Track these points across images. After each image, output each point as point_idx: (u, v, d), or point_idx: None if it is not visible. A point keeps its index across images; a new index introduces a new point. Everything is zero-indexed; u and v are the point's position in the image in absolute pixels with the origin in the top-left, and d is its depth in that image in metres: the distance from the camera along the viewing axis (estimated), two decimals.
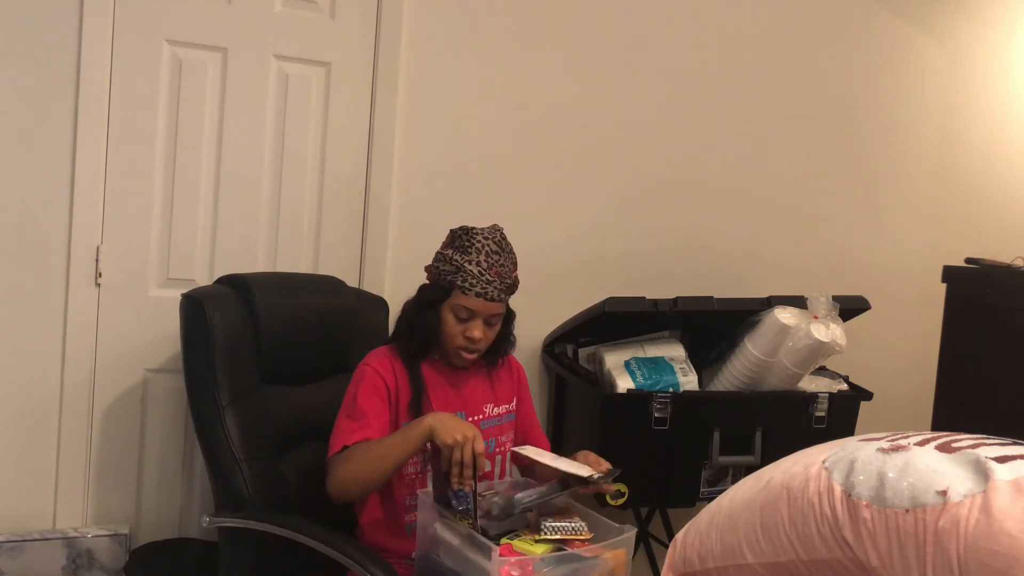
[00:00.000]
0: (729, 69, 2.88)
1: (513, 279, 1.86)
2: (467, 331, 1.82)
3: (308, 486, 1.91)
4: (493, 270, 1.80)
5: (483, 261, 1.79)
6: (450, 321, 1.82)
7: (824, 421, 2.41)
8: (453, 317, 1.82)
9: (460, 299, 1.80)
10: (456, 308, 1.81)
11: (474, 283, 1.78)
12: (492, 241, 1.82)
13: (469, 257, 1.79)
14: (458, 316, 1.81)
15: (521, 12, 2.61)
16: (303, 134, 2.42)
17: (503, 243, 1.85)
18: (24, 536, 2.16)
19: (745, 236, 2.94)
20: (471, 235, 1.82)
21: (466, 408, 1.91)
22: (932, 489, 1.03)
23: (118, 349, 2.27)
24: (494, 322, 1.86)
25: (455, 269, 1.80)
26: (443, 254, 1.85)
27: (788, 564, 1.17)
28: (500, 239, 1.84)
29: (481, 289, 1.79)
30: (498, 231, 1.86)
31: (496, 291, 1.81)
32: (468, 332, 1.82)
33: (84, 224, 2.21)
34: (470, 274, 1.78)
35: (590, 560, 1.60)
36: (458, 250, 1.82)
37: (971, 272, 2.60)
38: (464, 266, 1.79)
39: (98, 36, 2.18)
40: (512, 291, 1.87)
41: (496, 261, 1.81)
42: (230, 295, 1.98)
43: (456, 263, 1.80)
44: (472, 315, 1.81)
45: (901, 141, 3.16)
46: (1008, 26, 3.27)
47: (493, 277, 1.80)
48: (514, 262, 1.87)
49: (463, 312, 1.81)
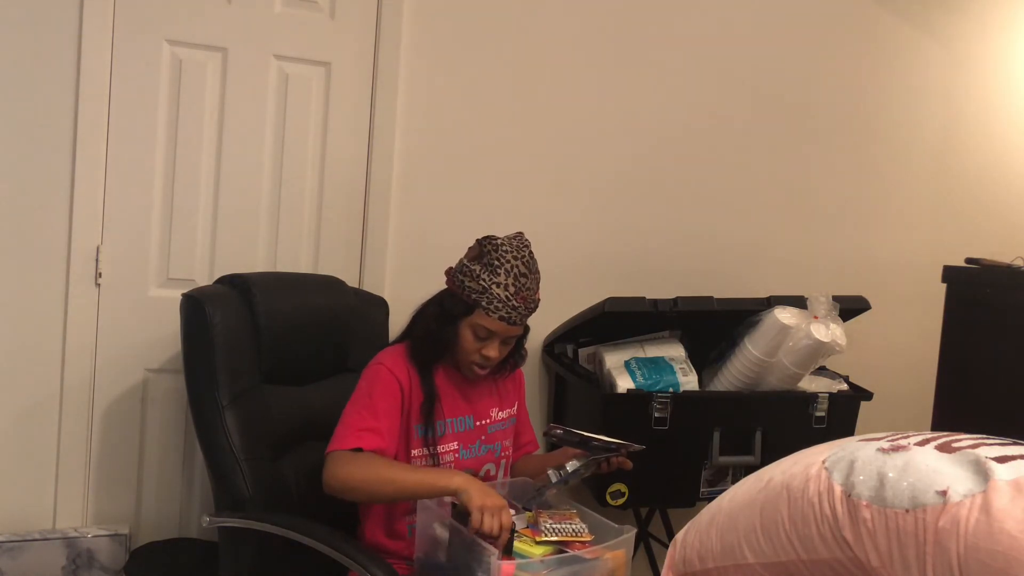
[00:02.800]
0: (729, 69, 2.88)
1: (536, 301, 1.84)
2: (484, 349, 1.81)
3: (308, 486, 1.91)
4: (520, 295, 1.78)
5: (511, 285, 1.77)
6: (468, 337, 1.81)
7: (824, 421, 2.41)
8: (472, 334, 1.81)
9: (482, 319, 1.78)
10: (476, 327, 1.80)
11: (499, 307, 1.77)
12: (521, 262, 1.79)
13: (497, 279, 1.77)
14: (477, 335, 1.80)
15: (521, 12, 2.61)
16: (303, 134, 2.42)
17: (531, 263, 1.82)
18: (24, 536, 2.16)
19: (745, 236, 2.94)
20: (500, 251, 1.78)
21: (474, 412, 1.91)
22: (932, 489, 1.03)
23: (118, 349, 2.27)
24: (510, 341, 1.87)
25: (481, 289, 1.77)
26: (470, 269, 1.81)
27: (788, 564, 1.17)
28: (528, 259, 1.81)
29: (506, 313, 1.77)
30: (526, 247, 1.82)
31: (520, 316, 1.80)
32: (485, 350, 1.81)
33: (84, 224, 2.21)
34: (496, 297, 1.76)
35: (591, 562, 1.60)
36: (486, 268, 1.78)
37: (971, 272, 2.59)
38: (491, 288, 1.76)
39: (98, 36, 2.18)
40: (534, 312, 1.85)
41: (523, 285, 1.79)
42: (230, 295, 1.98)
43: (483, 283, 1.77)
44: (491, 335, 1.80)
45: (901, 141, 3.16)
46: (1008, 26, 3.27)
47: (519, 303, 1.78)
48: (538, 281, 1.85)
49: (483, 331, 1.80)
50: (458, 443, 1.86)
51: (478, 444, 1.90)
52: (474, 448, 1.89)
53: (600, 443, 1.75)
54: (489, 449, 1.92)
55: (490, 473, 1.93)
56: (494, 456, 1.93)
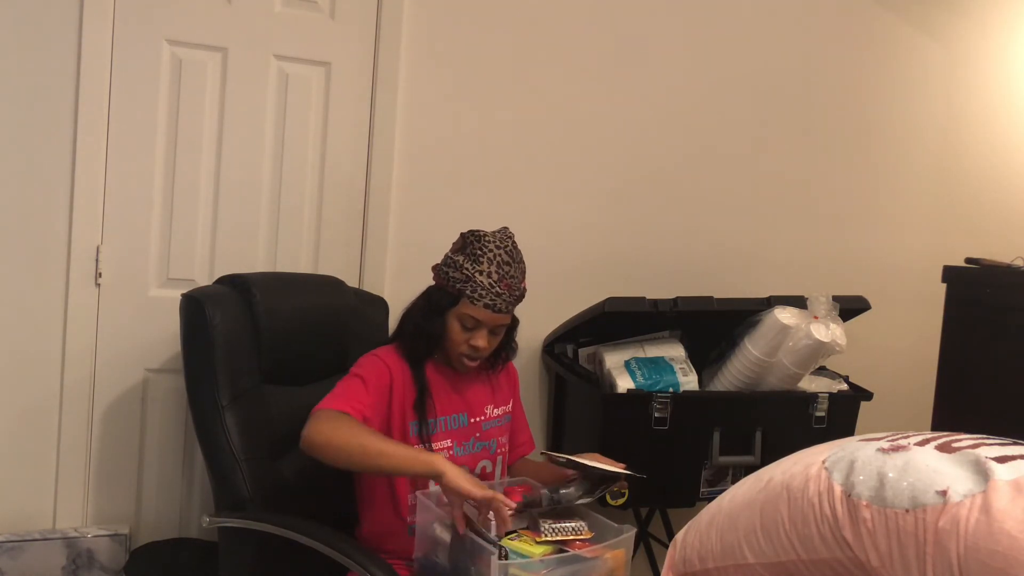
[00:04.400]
0: (729, 69, 2.88)
1: (522, 290, 1.86)
2: (472, 339, 1.82)
3: (308, 486, 1.91)
4: (503, 282, 1.80)
5: (494, 272, 1.79)
6: (456, 328, 1.82)
7: (824, 421, 2.41)
8: (459, 325, 1.82)
9: (468, 308, 1.80)
10: (463, 317, 1.81)
11: (483, 294, 1.78)
12: (504, 251, 1.81)
13: (480, 267, 1.79)
14: (464, 324, 1.82)
15: (521, 12, 2.61)
16: (303, 134, 2.42)
17: (514, 252, 1.84)
18: (24, 536, 2.16)
19: (745, 236, 2.94)
20: (482, 242, 1.81)
21: (468, 410, 1.91)
22: (932, 489, 1.03)
23: (118, 349, 2.27)
24: (499, 331, 1.87)
25: (465, 278, 1.79)
26: (453, 259, 1.83)
27: (788, 564, 1.17)
28: (512, 248, 1.84)
29: (490, 301, 1.79)
30: (509, 238, 1.85)
31: (505, 303, 1.81)
32: (473, 341, 1.82)
33: (84, 224, 2.21)
34: (480, 285, 1.78)
35: (591, 561, 1.60)
36: (469, 257, 1.81)
37: (971, 272, 2.59)
38: (474, 276, 1.78)
39: (98, 36, 2.18)
40: (520, 301, 1.87)
41: (507, 272, 1.80)
42: (230, 295, 1.97)
43: (466, 272, 1.79)
44: (478, 325, 1.81)
45: (901, 141, 3.16)
46: (1008, 27, 3.27)
47: (503, 290, 1.80)
48: (523, 272, 1.86)
49: (469, 321, 1.81)
50: (451, 440, 1.86)
51: (472, 441, 1.90)
52: (468, 445, 1.89)
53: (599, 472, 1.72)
54: (484, 446, 1.92)
55: (486, 470, 1.93)
56: (489, 453, 1.93)
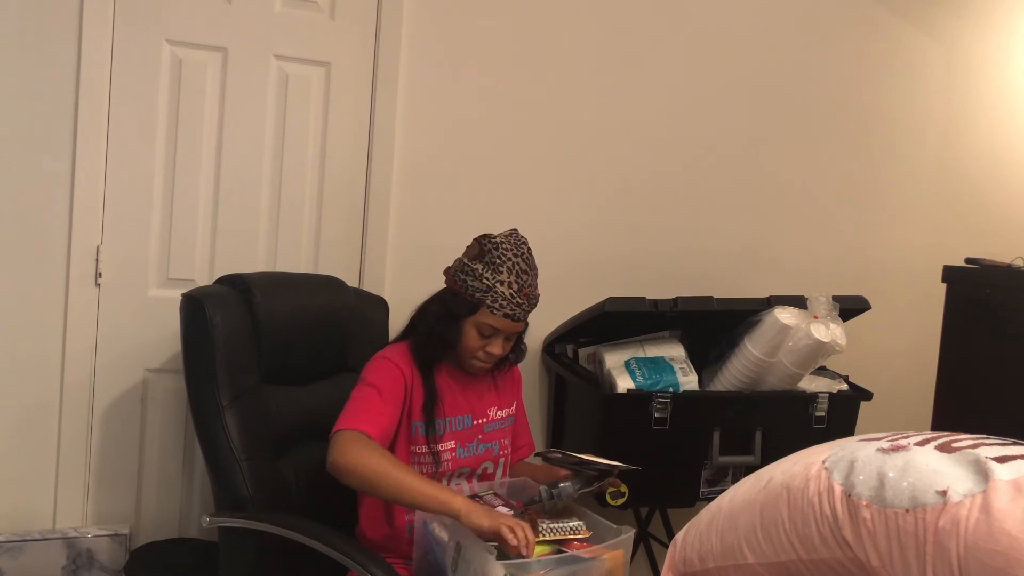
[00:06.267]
0: (729, 69, 2.88)
1: (537, 296, 1.87)
2: (487, 346, 1.83)
3: (308, 486, 1.91)
4: (523, 292, 1.81)
5: (514, 282, 1.80)
6: (472, 335, 1.83)
7: (824, 421, 2.41)
8: (476, 332, 1.83)
9: (487, 317, 1.80)
10: (481, 325, 1.82)
11: (504, 304, 1.79)
12: (521, 259, 1.82)
13: (500, 277, 1.79)
14: (482, 332, 1.82)
15: (521, 12, 2.61)
16: (303, 134, 2.42)
17: (529, 259, 1.84)
18: (24, 536, 2.16)
19: (745, 236, 2.94)
20: (500, 249, 1.81)
21: (473, 411, 1.91)
22: (932, 489, 1.03)
23: (118, 349, 2.27)
24: (513, 337, 1.89)
25: (485, 288, 1.79)
26: (471, 268, 1.82)
27: (788, 564, 1.17)
28: (527, 255, 1.84)
29: (511, 311, 1.80)
30: (524, 244, 1.85)
31: (523, 312, 1.83)
32: (489, 348, 1.83)
33: (84, 224, 2.21)
34: (500, 295, 1.79)
35: (589, 561, 1.60)
36: (488, 266, 1.80)
37: (971, 272, 2.59)
38: (495, 287, 1.79)
39: (98, 36, 2.18)
40: (535, 307, 1.88)
41: (526, 282, 1.82)
42: (230, 295, 1.97)
43: (486, 282, 1.79)
44: (496, 332, 1.83)
45: (901, 141, 3.15)
46: (1008, 26, 3.27)
47: (522, 299, 1.81)
48: (537, 277, 1.87)
49: (487, 329, 1.82)
50: (455, 442, 1.86)
51: (475, 443, 1.90)
52: (471, 447, 1.89)
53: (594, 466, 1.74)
54: (487, 448, 1.92)
55: (488, 471, 1.93)
56: (492, 455, 1.93)
